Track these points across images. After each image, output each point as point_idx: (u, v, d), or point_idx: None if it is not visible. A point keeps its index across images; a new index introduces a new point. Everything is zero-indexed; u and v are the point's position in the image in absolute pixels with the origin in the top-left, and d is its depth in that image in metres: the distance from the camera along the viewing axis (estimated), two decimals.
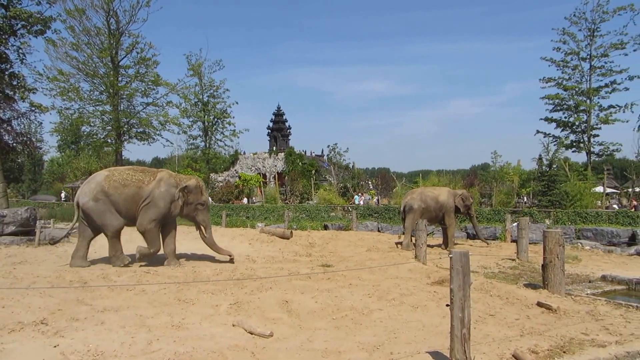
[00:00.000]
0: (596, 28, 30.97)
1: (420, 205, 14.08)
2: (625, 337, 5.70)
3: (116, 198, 9.97)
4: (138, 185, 10.11)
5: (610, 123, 31.08)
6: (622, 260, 13.56)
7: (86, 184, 10.28)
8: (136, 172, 10.42)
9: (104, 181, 10.01)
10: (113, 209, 10.03)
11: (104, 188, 9.95)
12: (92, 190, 9.98)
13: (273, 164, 43.44)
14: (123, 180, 10.07)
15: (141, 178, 10.23)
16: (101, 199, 9.92)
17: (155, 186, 10.21)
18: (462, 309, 4.52)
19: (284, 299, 7.12)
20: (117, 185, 9.99)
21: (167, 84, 30.83)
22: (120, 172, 10.29)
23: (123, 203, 10.02)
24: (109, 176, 10.13)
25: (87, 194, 10.00)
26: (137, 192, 10.07)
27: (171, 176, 10.66)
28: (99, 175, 10.32)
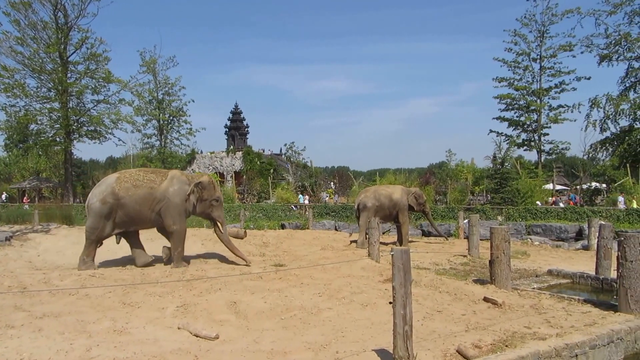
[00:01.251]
0: (546, 30, 32.24)
1: (374, 204, 14.19)
2: (565, 330, 5.88)
3: (127, 200, 9.83)
4: (150, 185, 10.03)
5: (560, 122, 32.34)
6: (568, 255, 14.06)
7: (97, 187, 10.22)
8: (147, 173, 10.40)
9: (114, 183, 9.91)
10: (115, 216, 9.90)
11: (115, 190, 9.83)
12: (102, 192, 9.88)
13: (231, 163, 42.97)
14: (134, 181, 9.99)
15: (153, 179, 10.17)
16: (109, 202, 9.79)
17: (168, 185, 10.16)
18: (403, 306, 4.55)
19: (232, 300, 7.01)
20: (128, 186, 9.88)
21: (119, 81, 30.01)
22: (131, 174, 10.26)
23: (133, 205, 9.89)
24: (119, 178, 10.06)
25: (97, 195, 9.91)
26: (149, 192, 9.98)
27: (182, 174, 10.65)
28: (110, 178, 10.24)
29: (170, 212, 10.08)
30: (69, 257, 11.97)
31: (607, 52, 30.03)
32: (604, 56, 30.11)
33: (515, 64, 32.78)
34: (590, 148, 31.09)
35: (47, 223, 17.64)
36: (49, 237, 14.61)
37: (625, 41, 29.04)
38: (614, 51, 29.86)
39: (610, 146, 30.40)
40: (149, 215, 10.07)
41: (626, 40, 28.96)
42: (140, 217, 10.05)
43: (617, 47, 29.70)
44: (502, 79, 33.07)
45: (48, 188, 34.96)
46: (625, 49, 29.55)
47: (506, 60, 32.93)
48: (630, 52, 29.60)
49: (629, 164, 25.80)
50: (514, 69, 32.91)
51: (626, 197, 21.63)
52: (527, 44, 32.55)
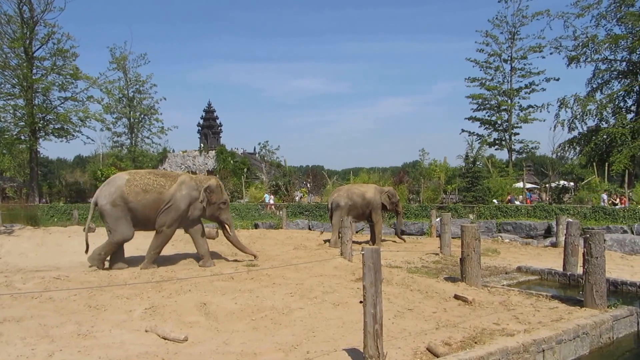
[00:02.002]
0: (516, 31, 32.85)
1: (347, 203, 14.18)
2: (533, 326, 5.96)
3: (135, 205, 9.72)
4: (159, 190, 9.94)
5: (530, 122, 33.02)
6: (537, 252, 14.34)
7: (106, 186, 9.99)
8: (157, 176, 10.24)
9: (124, 186, 9.72)
10: (129, 217, 9.80)
11: (124, 194, 9.67)
12: (112, 194, 9.69)
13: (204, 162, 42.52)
14: (144, 185, 9.86)
15: (162, 183, 10.07)
16: (119, 204, 9.64)
17: (176, 189, 10.10)
18: (374, 305, 4.53)
19: (202, 301, 6.89)
20: (138, 190, 9.75)
21: (88, 78, 29.22)
22: (141, 177, 10.05)
23: (142, 210, 9.80)
24: (129, 180, 9.85)
25: (107, 196, 9.72)
26: (158, 197, 9.89)
27: (192, 179, 10.57)
28: (119, 179, 9.99)
29: (170, 214, 10.03)
30: (33, 259, 11.64)
31: (575, 54, 30.78)
32: (572, 58, 30.83)
33: (486, 65, 33.30)
34: (559, 147, 31.88)
35: (11, 224, 17.10)
36: (12, 239, 14.16)
37: (592, 43, 29.79)
38: (581, 53, 30.63)
39: (577, 145, 31.21)
40: (154, 219, 10.06)
41: (593, 43, 29.72)
42: (147, 221, 10.03)
43: (584, 49, 30.47)
44: (474, 79, 33.57)
45: (12, 188, 33.90)
46: (592, 51, 30.36)
47: (478, 60, 33.45)
48: (597, 54, 30.46)
49: (596, 162, 26.52)
50: (485, 69, 33.43)
51: (609, 195, 22.11)
52: (498, 45, 33.15)
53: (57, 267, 10.44)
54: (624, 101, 31.03)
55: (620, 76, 30.62)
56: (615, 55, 30.55)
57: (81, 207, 24.45)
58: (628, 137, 27.78)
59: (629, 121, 29.07)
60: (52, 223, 19.88)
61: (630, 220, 17.85)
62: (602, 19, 29.88)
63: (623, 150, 27.26)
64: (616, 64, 30.75)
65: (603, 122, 30.49)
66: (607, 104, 30.17)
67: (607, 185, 23.76)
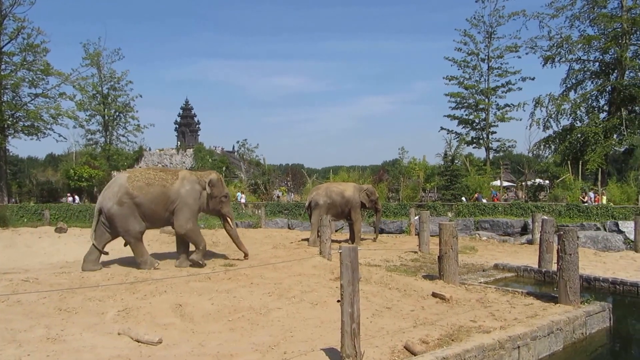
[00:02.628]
0: (493, 31, 33.17)
1: (325, 201, 14.12)
2: (509, 322, 6.00)
3: (141, 199, 9.66)
4: (162, 184, 9.92)
5: (506, 121, 33.40)
6: (514, 250, 14.53)
7: (108, 189, 9.86)
8: (157, 171, 10.28)
9: (127, 183, 9.66)
10: (137, 212, 9.71)
11: (128, 190, 9.60)
12: (116, 194, 9.58)
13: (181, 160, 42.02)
14: (147, 179, 9.83)
15: (164, 177, 10.07)
16: (126, 202, 9.57)
17: (180, 185, 10.11)
18: (351, 304, 4.48)
19: (178, 303, 6.77)
20: (141, 185, 9.70)
21: (60, 74, 28.53)
22: (141, 172, 10.13)
23: (149, 204, 9.74)
24: (130, 177, 9.83)
25: (111, 198, 9.59)
26: (162, 191, 9.87)
27: (192, 174, 10.66)
28: (120, 178, 9.96)
29: (183, 212, 10.03)
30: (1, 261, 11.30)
31: (550, 54, 31.16)
32: (547, 58, 31.23)
33: (464, 64, 33.52)
34: (535, 146, 32.32)
35: None
36: None
37: (566, 44, 30.21)
38: (556, 53, 31.03)
39: (552, 144, 31.65)
40: (163, 214, 10.00)
41: (567, 43, 30.14)
42: (154, 216, 9.93)
43: (559, 50, 30.87)
44: (453, 78, 33.79)
45: None
46: (566, 51, 30.77)
47: (456, 59, 33.64)
48: (571, 55, 30.88)
49: (570, 161, 26.97)
50: (463, 68, 33.65)
51: (597, 193, 22.47)
52: (475, 45, 33.40)
53: (26, 269, 10.16)
54: (596, 101, 31.64)
55: (593, 76, 31.13)
56: (588, 56, 31.11)
57: (53, 207, 23.95)
58: (601, 136, 28.30)
59: (602, 120, 29.65)
60: (22, 224, 19.43)
61: (603, 218, 18.15)
62: (576, 20, 30.41)
63: (596, 149, 27.79)
64: (589, 64, 31.30)
65: (577, 121, 30.96)
66: (581, 104, 30.66)
67: (581, 183, 24.19)
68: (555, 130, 31.49)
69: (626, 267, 11.35)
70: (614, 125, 28.65)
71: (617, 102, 29.21)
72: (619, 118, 28.43)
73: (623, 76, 29.03)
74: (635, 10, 28.58)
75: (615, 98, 29.30)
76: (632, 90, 28.09)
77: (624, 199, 21.73)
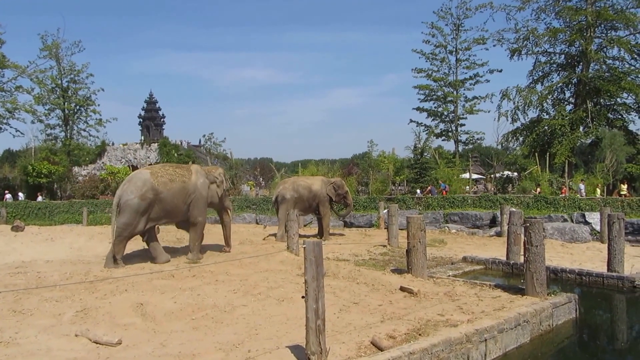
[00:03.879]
0: (461, 23, 33.48)
1: (292, 195, 13.92)
2: (476, 315, 5.98)
3: (165, 195, 9.91)
4: (182, 180, 10.26)
5: (475, 113, 33.82)
6: (483, 242, 14.64)
7: (129, 183, 9.85)
8: (174, 167, 10.57)
9: (151, 178, 9.84)
10: (152, 210, 9.81)
11: (154, 186, 9.78)
12: (140, 189, 9.68)
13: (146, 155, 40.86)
14: (169, 175, 10.12)
15: (182, 172, 10.39)
16: (149, 197, 9.70)
17: (196, 179, 10.49)
18: (316, 300, 4.36)
19: (139, 302, 6.52)
20: (165, 181, 9.96)
21: (16, 67, 27.44)
22: (161, 169, 10.30)
23: (171, 199, 10.02)
24: (154, 173, 10.00)
25: (134, 192, 9.66)
26: (183, 186, 10.20)
27: (202, 168, 11.11)
28: (142, 174, 10.03)
29: (198, 204, 10.45)
30: None
31: (516, 47, 31.65)
32: (514, 50, 31.70)
33: (432, 56, 33.74)
34: (503, 138, 32.84)
35: None
36: None
37: (532, 36, 30.68)
38: (522, 45, 31.51)
39: (520, 136, 32.19)
40: (182, 208, 10.28)
41: (534, 36, 30.60)
42: (175, 211, 10.20)
43: (525, 42, 31.35)
44: (421, 70, 33.99)
45: None
46: (532, 44, 31.27)
47: (424, 52, 33.84)
48: (537, 47, 31.35)
49: (537, 153, 27.41)
50: (431, 60, 33.89)
51: (586, 185, 22.76)
52: (443, 37, 33.62)
53: None
54: (562, 93, 32.29)
55: (559, 69, 31.74)
56: (554, 48, 31.69)
57: (10, 204, 23.06)
58: (567, 128, 28.88)
59: (568, 113, 30.26)
60: None
61: (570, 209, 18.45)
62: (542, 12, 30.91)
63: (563, 141, 28.33)
64: (555, 57, 31.89)
65: (544, 113, 31.57)
66: (547, 96, 31.21)
67: (548, 175, 24.57)
68: (522, 123, 32.02)
69: (592, 258, 11.54)
70: (580, 118, 29.30)
71: (582, 95, 29.86)
72: (584, 110, 29.07)
73: (588, 69, 29.68)
74: (599, 2, 29.18)
75: (581, 90, 29.95)
76: (597, 82, 28.76)
77: (590, 190, 22.22)
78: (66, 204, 23.68)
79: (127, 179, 10.16)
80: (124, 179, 29.24)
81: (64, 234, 12.76)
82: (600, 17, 28.46)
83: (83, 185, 28.88)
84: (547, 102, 31.43)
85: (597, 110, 29.73)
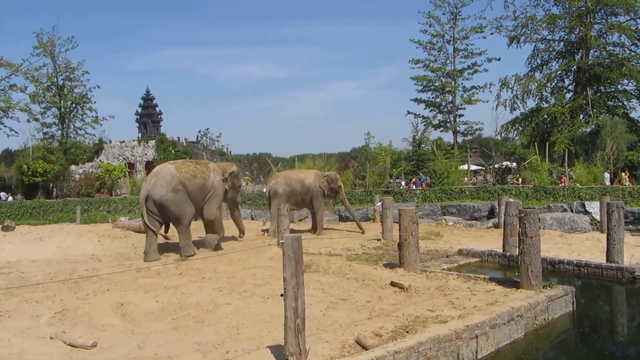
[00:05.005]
0: (458, 12, 32.76)
1: (285, 189, 13.66)
2: (468, 311, 5.74)
3: (191, 189, 10.36)
4: (203, 176, 10.72)
5: (473, 103, 33.31)
6: (480, 234, 14.36)
7: (157, 178, 10.17)
8: (195, 164, 10.98)
9: (177, 173, 10.24)
10: (189, 199, 10.33)
11: (181, 180, 10.22)
12: (169, 182, 10.07)
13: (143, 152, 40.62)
14: (192, 171, 10.56)
15: (202, 169, 10.85)
16: (180, 189, 10.16)
17: (213, 176, 10.99)
18: (295, 298, 4.12)
19: (119, 302, 6.30)
20: (189, 176, 10.39)
21: (9, 65, 27.13)
22: (183, 164, 10.70)
23: (195, 193, 10.46)
24: (178, 168, 10.40)
25: (164, 186, 10.02)
26: (204, 183, 10.69)
27: (218, 165, 11.66)
28: (168, 169, 10.37)
29: (215, 200, 10.98)
30: None
31: (515, 34, 31.08)
32: (512, 38, 31.15)
33: (430, 46, 33.19)
34: (502, 128, 32.42)
35: None
36: None
37: (531, 23, 30.18)
38: (521, 33, 30.95)
39: (520, 126, 31.73)
40: (201, 204, 10.75)
41: (532, 22, 30.10)
42: (196, 206, 10.60)
43: (524, 29, 30.80)
44: (418, 61, 33.44)
45: None
46: (531, 31, 30.75)
47: (422, 41, 33.27)
48: (536, 34, 30.89)
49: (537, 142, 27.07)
50: (429, 50, 33.36)
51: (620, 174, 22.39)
52: (440, 26, 33.03)
53: None
54: (562, 81, 31.76)
55: (559, 56, 31.26)
56: (553, 35, 31.17)
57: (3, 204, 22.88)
58: (567, 116, 28.47)
59: (568, 101, 29.81)
60: None
61: (569, 199, 18.16)
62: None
63: (563, 130, 27.96)
64: (554, 44, 31.39)
65: (543, 102, 31.14)
66: (547, 84, 30.77)
67: (548, 165, 24.25)
68: (522, 112, 31.61)
69: (592, 249, 11.29)
70: (580, 106, 28.85)
71: (582, 82, 29.40)
72: (584, 98, 28.63)
73: (588, 55, 29.19)
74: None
75: (581, 78, 29.48)
76: (597, 69, 28.28)
77: (590, 179, 21.82)
78: (60, 202, 23.48)
79: (153, 174, 10.41)
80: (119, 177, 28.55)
81: (53, 233, 12.54)
82: (600, 3, 27.96)
83: (78, 184, 28.63)
84: (547, 90, 30.99)
85: (597, 97, 29.32)
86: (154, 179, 10.14)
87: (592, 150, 28.72)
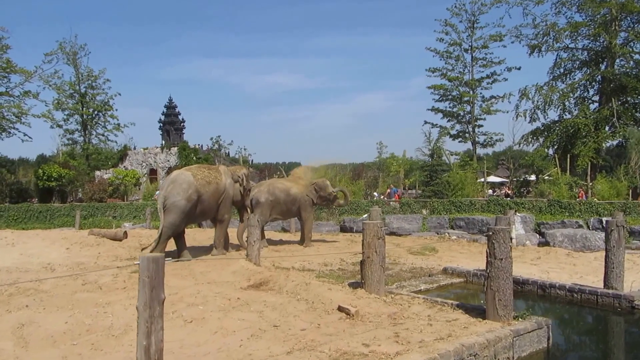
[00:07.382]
0: (476, 20, 31.71)
1: (267, 198, 12.87)
2: (410, 347, 4.84)
3: (205, 196, 10.55)
4: (216, 182, 10.93)
5: (492, 113, 32.08)
6: (480, 250, 13.17)
7: (173, 185, 10.27)
8: (208, 169, 11.16)
9: (195, 181, 10.36)
10: (194, 211, 10.43)
11: (198, 188, 10.35)
12: (186, 190, 10.19)
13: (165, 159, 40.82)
14: (206, 177, 10.73)
15: (215, 175, 11.04)
16: (194, 199, 10.28)
17: (225, 180, 11.16)
18: (147, 335, 3.35)
19: (22, 322, 5.64)
20: (204, 183, 10.56)
21: (24, 72, 27.46)
22: (198, 170, 10.84)
23: (209, 199, 10.70)
24: (195, 175, 10.51)
25: (180, 193, 10.14)
26: (217, 188, 10.92)
27: (228, 169, 11.80)
28: (185, 176, 10.45)
29: (226, 203, 11.24)
30: None
31: (536, 43, 29.74)
32: (533, 46, 29.81)
33: (447, 54, 32.11)
34: (522, 139, 30.95)
35: None
36: None
37: (552, 31, 28.84)
38: (542, 41, 29.58)
39: (540, 137, 30.24)
40: (214, 208, 11.03)
41: (554, 31, 28.76)
42: (209, 211, 10.99)
43: (545, 38, 29.45)
44: (435, 69, 32.38)
45: None
46: (553, 40, 29.38)
47: (438, 50, 32.27)
48: (558, 43, 29.48)
49: (558, 155, 25.65)
50: (446, 59, 32.27)
51: None
52: (457, 34, 31.98)
53: None
54: (586, 91, 30.21)
55: (582, 65, 29.71)
56: (576, 44, 29.71)
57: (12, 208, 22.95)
58: (591, 127, 26.99)
59: (592, 112, 28.28)
60: None
61: (586, 214, 16.93)
62: (562, 6, 28.98)
63: (587, 142, 26.47)
64: (577, 53, 29.90)
65: (566, 112, 29.66)
66: (569, 94, 29.27)
67: (568, 178, 22.86)
68: (543, 123, 30.17)
69: (597, 270, 10.02)
70: (605, 117, 27.34)
71: (607, 92, 27.82)
72: (609, 109, 27.06)
73: (613, 65, 27.65)
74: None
75: (606, 88, 27.92)
76: (624, 79, 26.70)
77: (613, 194, 20.36)
78: (67, 207, 23.45)
79: (171, 180, 10.47)
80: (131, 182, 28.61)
81: (28, 239, 12.12)
82: (625, 10, 26.42)
83: (91, 189, 28.68)
84: (569, 100, 29.42)
85: (623, 108, 27.62)
86: (171, 186, 10.25)
87: (618, 163, 26.96)
